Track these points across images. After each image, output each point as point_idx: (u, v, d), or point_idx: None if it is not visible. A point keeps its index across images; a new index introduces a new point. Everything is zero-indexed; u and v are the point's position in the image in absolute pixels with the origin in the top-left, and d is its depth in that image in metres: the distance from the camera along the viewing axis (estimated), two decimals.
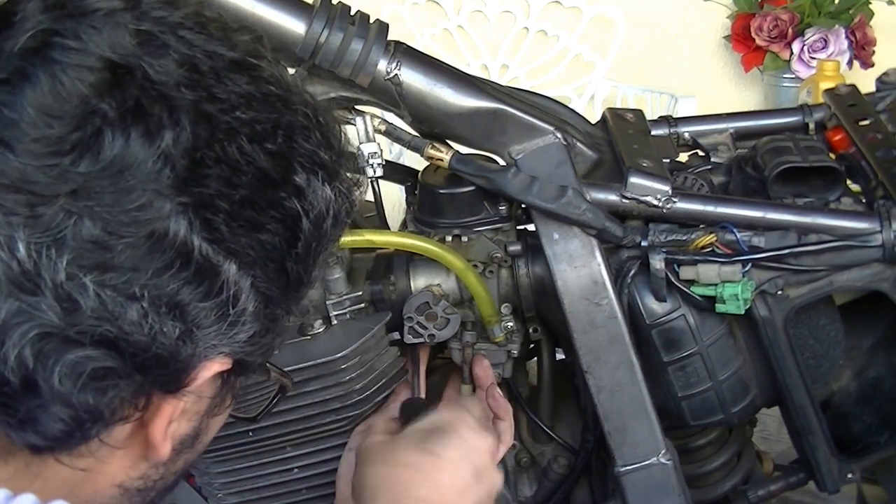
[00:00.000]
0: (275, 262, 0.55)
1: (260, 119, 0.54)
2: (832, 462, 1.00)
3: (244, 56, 0.55)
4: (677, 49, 2.88)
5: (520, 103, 0.91)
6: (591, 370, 0.92)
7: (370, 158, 0.91)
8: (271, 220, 0.54)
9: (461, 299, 0.95)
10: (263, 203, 0.54)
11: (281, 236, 0.55)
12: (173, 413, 0.56)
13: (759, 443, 1.19)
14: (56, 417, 0.51)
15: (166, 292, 0.51)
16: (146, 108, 0.50)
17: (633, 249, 0.92)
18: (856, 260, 0.92)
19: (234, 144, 0.52)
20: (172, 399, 0.55)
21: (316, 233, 0.57)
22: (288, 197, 0.55)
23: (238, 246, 0.53)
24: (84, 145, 0.49)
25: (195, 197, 0.51)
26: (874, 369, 1.06)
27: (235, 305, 0.53)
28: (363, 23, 0.86)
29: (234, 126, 0.52)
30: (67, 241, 0.48)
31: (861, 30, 2.51)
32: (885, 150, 0.98)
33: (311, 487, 0.96)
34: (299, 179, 0.55)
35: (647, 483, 0.94)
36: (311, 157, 0.56)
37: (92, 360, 0.50)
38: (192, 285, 0.51)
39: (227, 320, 0.53)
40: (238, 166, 0.52)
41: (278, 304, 0.57)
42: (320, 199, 0.56)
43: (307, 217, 0.56)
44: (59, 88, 0.49)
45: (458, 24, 2.84)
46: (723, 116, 1.10)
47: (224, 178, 0.52)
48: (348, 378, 0.89)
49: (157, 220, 0.50)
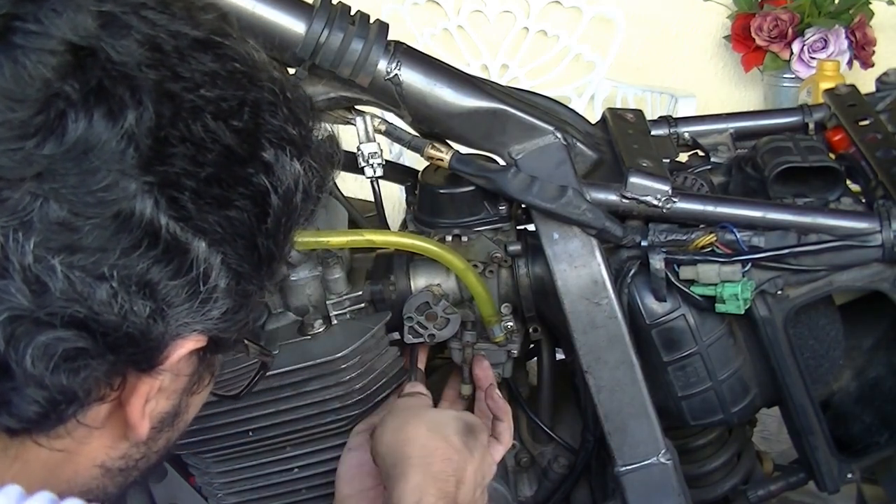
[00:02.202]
0: (244, 239, 0.55)
1: (225, 96, 0.54)
2: (832, 462, 1.00)
3: (208, 34, 0.55)
4: (677, 49, 2.88)
5: (520, 103, 0.91)
6: (591, 370, 0.92)
7: (370, 158, 0.91)
8: (239, 196, 0.54)
9: (461, 299, 0.95)
10: (231, 180, 0.54)
11: (250, 212, 0.55)
12: (149, 392, 0.56)
13: (759, 443, 1.19)
14: (30, 399, 0.51)
15: (135, 272, 0.51)
16: (108, 88, 0.50)
17: (633, 249, 0.92)
18: (856, 260, 0.92)
19: (198, 122, 0.52)
20: (148, 378, 0.55)
21: (285, 208, 0.57)
22: (256, 173, 0.55)
23: (206, 223, 0.53)
24: (48, 128, 0.48)
25: (160, 176, 0.51)
26: (874, 369, 1.06)
27: (206, 282, 0.53)
28: (363, 23, 0.86)
29: (199, 104, 0.52)
30: (34, 223, 0.48)
31: (861, 30, 2.51)
32: (885, 150, 0.98)
33: (311, 487, 0.96)
34: (267, 155, 0.55)
35: (647, 483, 0.94)
36: (278, 132, 0.56)
37: (63, 341, 0.50)
38: (161, 264, 0.51)
39: (199, 298, 0.54)
40: (203, 144, 0.52)
41: (250, 280, 0.57)
42: (289, 175, 0.57)
43: (276, 193, 0.56)
44: (22, 72, 0.48)
45: (458, 24, 2.84)
46: (723, 116, 1.10)
47: (189, 156, 0.52)
48: (348, 378, 0.89)
49: (122, 199, 0.50)
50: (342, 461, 0.90)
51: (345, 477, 0.89)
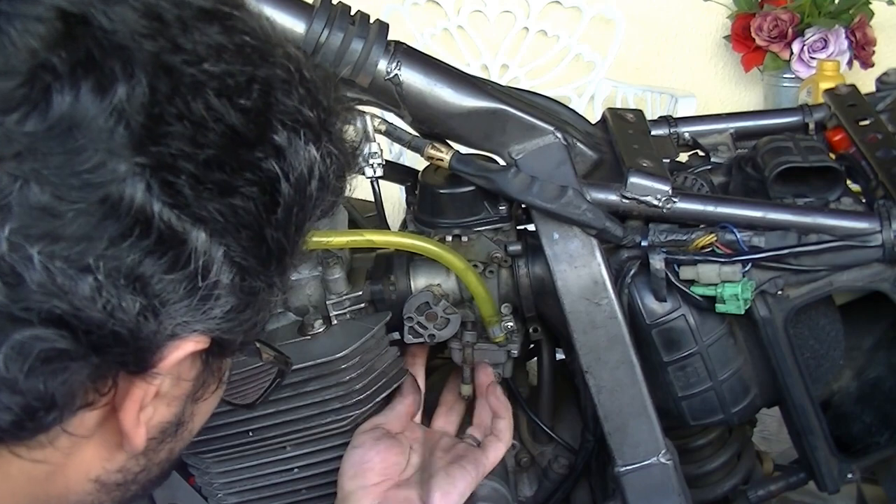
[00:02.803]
0: (250, 230, 0.50)
1: (232, 72, 0.49)
2: (832, 462, 1.00)
3: (216, 4, 0.50)
4: (677, 49, 2.88)
5: (520, 103, 0.91)
6: (591, 370, 0.92)
7: (370, 158, 0.91)
8: (245, 182, 0.49)
9: (461, 299, 0.95)
10: (235, 164, 0.49)
11: (257, 200, 0.50)
12: (144, 397, 0.51)
13: (759, 443, 1.19)
14: (2, 406, 0.46)
15: (125, 264, 0.46)
16: (98, 60, 0.45)
17: (633, 249, 0.92)
18: (856, 260, 0.92)
19: (199, 99, 0.47)
20: (142, 382, 0.51)
21: (297, 197, 0.52)
22: (265, 157, 0.50)
23: (206, 211, 0.48)
24: (31, 103, 0.44)
25: (154, 157, 0.46)
26: (874, 369, 1.06)
27: (206, 277, 0.49)
28: (363, 23, 0.86)
29: (201, 79, 0.48)
30: (12, 207, 0.43)
31: (861, 30, 2.52)
32: (885, 150, 0.98)
33: (311, 487, 0.96)
34: (278, 138, 0.51)
35: (647, 483, 0.94)
36: (292, 114, 0.52)
37: (40, 340, 0.45)
38: (154, 255, 0.46)
39: (198, 294, 0.49)
40: (204, 123, 0.47)
41: (257, 275, 0.52)
42: (303, 161, 0.52)
43: (287, 179, 0.51)
44: (5, 41, 0.44)
45: (458, 24, 2.85)
46: (723, 116, 1.09)
47: (188, 136, 0.47)
48: (348, 378, 0.89)
49: (111, 183, 0.45)
50: (346, 457, 0.90)
51: (348, 473, 0.89)
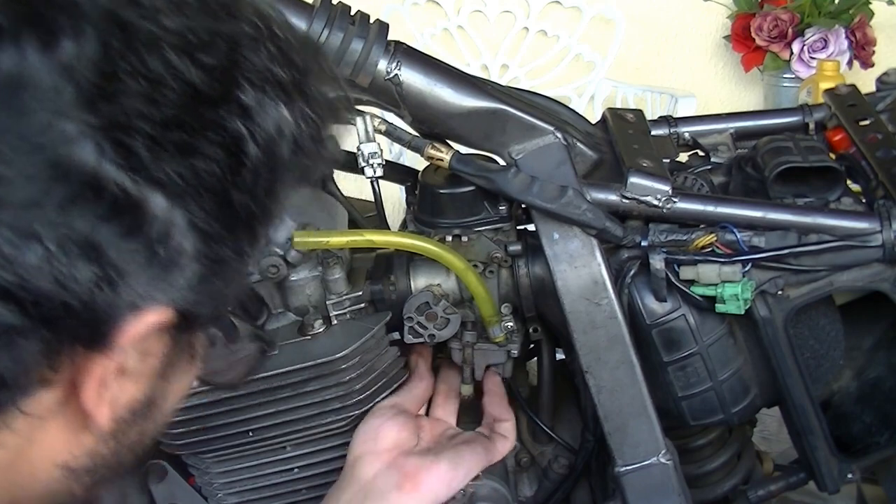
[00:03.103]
0: (214, 193, 0.47)
1: (193, 27, 0.46)
2: (832, 462, 1.00)
3: None
4: (677, 49, 2.88)
5: (520, 103, 0.91)
6: (591, 370, 0.92)
7: (370, 158, 0.91)
8: (207, 143, 0.47)
9: (461, 299, 0.95)
10: (196, 123, 0.46)
11: (221, 162, 0.47)
12: (104, 373, 0.48)
13: (759, 443, 1.19)
14: None
15: (76, 230, 0.43)
16: (44, 14, 0.42)
17: (633, 249, 0.92)
18: (856, 260, 0.92)
19: (156, 56, 0.45)
20: (101, 358, 0.48)
21: (265, 159, 0.50)
22: (230, 116, 0.47)
23: (163, 174, 0.45)
24: None
25: (105, 117, 0.43)
26: (874, 369, 1.06)
27: (166, 244, 0.46)
28: (363, 23, 0.86)
29: (158, 34, 0.45)
30: None
31: (861, 30, 2.52)
32: (885, 150, 0.98)
33: (311, 487, 0.96)
34: (245, 98, 0.48)
35: (647, 483, 0.94)
36: (261, 72, 0.49)
37: None
38: (109, 221, 0.44)
39: (159, 262, 0.46)
40: (162, 80, 0.45)
41: (223, 241, 0.49)
42: (271, 121, 0.50)
43: (254, 140, 0.49)
44: None
45: (458, 24, 2.85)
46: (723, 116, 1.09)
47: (143, 94, 0.44)
48: (348, 378, 0.89)
49: (59, 144, 0.42)
50: (361, 426, 0.90)
51: (360, 438, 0.89)
